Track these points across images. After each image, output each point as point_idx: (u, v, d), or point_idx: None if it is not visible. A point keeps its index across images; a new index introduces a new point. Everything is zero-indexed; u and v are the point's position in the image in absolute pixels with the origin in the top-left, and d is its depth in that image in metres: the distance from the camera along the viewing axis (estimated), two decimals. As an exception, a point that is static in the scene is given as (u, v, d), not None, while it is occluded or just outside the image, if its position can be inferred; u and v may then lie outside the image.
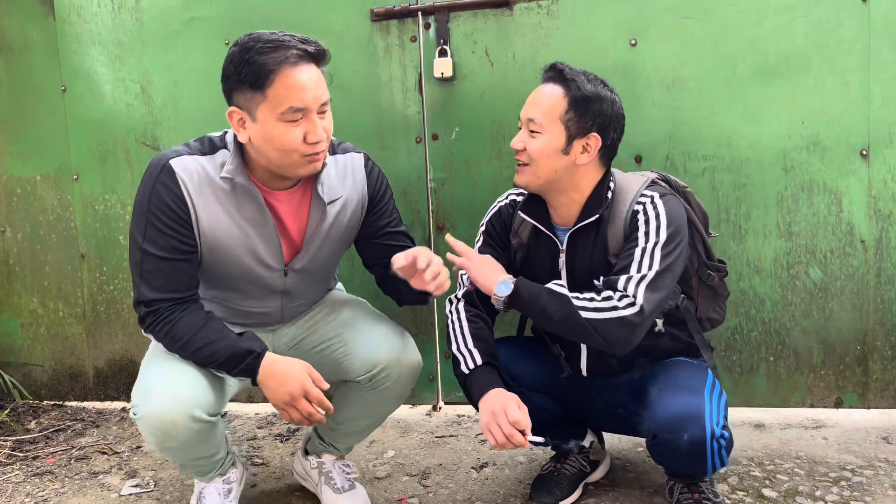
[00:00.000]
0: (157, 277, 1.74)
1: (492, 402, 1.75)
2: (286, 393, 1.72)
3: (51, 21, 2.83)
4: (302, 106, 1.65)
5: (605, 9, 2.42)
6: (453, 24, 2.53)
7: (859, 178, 2.35)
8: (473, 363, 1.84)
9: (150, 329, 1.77)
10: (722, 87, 2.38)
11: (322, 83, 1.70)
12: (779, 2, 2.32)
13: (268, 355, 1.74)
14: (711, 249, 1.96)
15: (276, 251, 1.85)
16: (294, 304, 1.98)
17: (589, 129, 1.79)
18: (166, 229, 1.73)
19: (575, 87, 1.79)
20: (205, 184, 1.75)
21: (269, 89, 1.64)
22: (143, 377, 1.80)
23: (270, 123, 1.66)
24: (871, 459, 2.19)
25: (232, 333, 1.76)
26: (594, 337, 1.73)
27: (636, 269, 1.74)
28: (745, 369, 2.49)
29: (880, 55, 2.29)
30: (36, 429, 2.79)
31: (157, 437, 1.73)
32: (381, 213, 1.96)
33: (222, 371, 1.76)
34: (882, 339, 2.40)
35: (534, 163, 1.81)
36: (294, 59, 1.64)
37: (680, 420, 1.71)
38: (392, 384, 1.91)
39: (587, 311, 1.72)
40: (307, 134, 1.68)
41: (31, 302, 3.01)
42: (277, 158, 1.70)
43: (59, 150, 2.89)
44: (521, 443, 1.70)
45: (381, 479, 2.24)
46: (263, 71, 1.63)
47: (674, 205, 1.81)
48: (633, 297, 1.71)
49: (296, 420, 1.75)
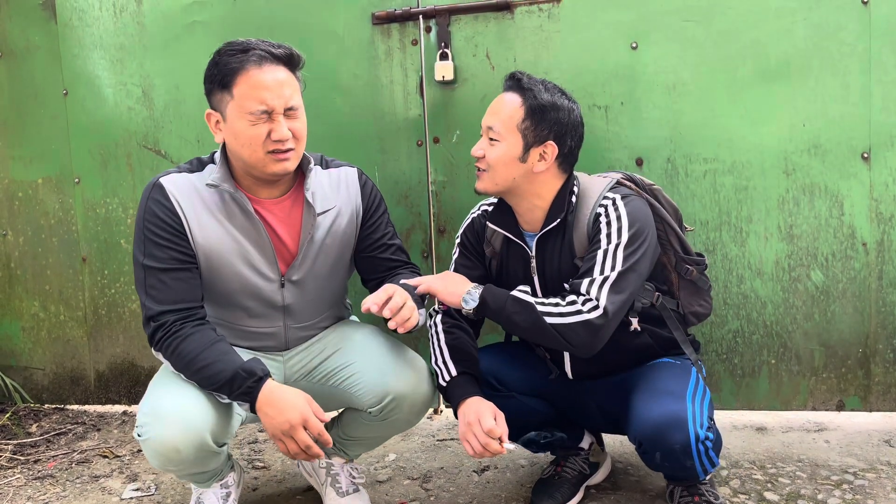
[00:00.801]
0: (160, 290, 1.76)
1: (467, 411, 1.78)
2: (285, 421, 1.67)
3: (53, 25, 2.84)
4: (265, 108, 1.72)
5: (606, 12, 2.42)
6: (454, 28, 2.53)
7: (860, 180, 2.35)
8: (449, 375, 1.87)
9: (160, 345, 1.77)
10: (723, 89, 2.38)
11: (290, 85, 1.76)
12: (779, 5, 2.33)
13: (269, 382, 1.71)
14: (688, 244, 1.96)
15: (271, 259, 1.86)
16: (298, 325, 1.97)
17: (545, 137, 1.82)
18: (163, 242, 1.78)
19: (531, 96, 1.82)
20: (195, 197, 1.81)
21: (235, 88, 1.73)
22: (151, 397, 1.77)
23: (237, 121, 1.74)
24: (874, 462, 2.19)
25: (237, 356, 1.74)
26: (559, 341, 1.74)
27: (598, 272, 1.76)
28: (746, 372, 2.49)
29: (881, 58, 2.29)
30: (37, 432, 2.79)
31: (159, 460, 1.72)
32: (376, 226, 1.98)
33: (223, 394, 1.73)
34: (884, 341, 2.40)
35: (492, 170, 1.84)
36: (256, 60, 1.72)
37: (663, 428, 1.72)
38: (403, 415, 1.89)
39: (551, 317, 1.73)
40: (271, 132, 1.73)
41: (32, 305, 3.01)
42: (245, 155, 1.76)
43: (60, 154, 2.89)
44: (498, 450, 1.72)
45: (383, 483, 2.24)
46: (229, 70, 1.73)
47: (636, 205, 1.82)
48: (595, 300, 1.72)
49: (292, 452, 1.70)
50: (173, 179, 1.82)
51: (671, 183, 2.44)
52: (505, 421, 1.76)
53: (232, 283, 1.86)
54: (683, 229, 1.99)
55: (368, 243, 1.98)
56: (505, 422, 1.76)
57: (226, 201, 1.82)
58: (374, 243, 1.98)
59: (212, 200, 1.82)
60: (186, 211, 1.80)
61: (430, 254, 2.65)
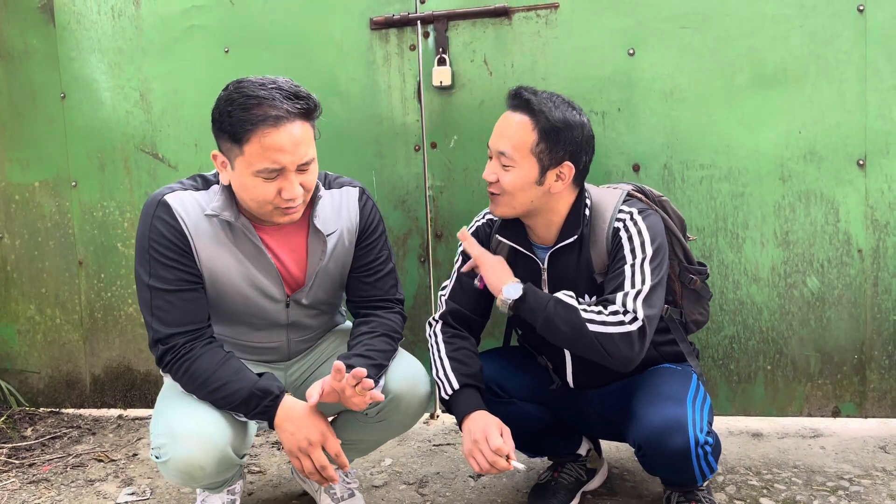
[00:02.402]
0: (168, 312, 1.73)
1: (473, 428, 1.75)
2: (304, 438, 1.65)
3: (51, 28, 2.84)
4: (277, 167, 1.64)
5: (604, 18, 2.43)
6: (452, 33, 2.54)
7: (856, 187, 2.36)
8: (451, 388, 1.84)
9: (169, 368, 1.74)
10: (719, 96, 2.39)
11: (306, 141, 1.67)
12: (776, 12, 2.34)
13: (287, 398, 1.70)
14: (691, 253, 1.96)
15: (276, 283, 1.84)
16: (300, 338, 1.97)
17: (561, 158, 1.78)
18: (170, 262, 1.73)
19: (543, 118, 1.76)
20: (201, 218, 1.76)
21: (246, 146, 1.63)
22: (163, 417, 1.74)
23: (246, 177, 1.66)
24: (869, 468, 2.19)
25: (251, 374, 1.72)
26: (597, 350, 1.72)
27: (630, 285, 1.74)
28: (742, 378, 2.49)
29: (877, 66, 2.30)
30: (32, 436, 2.78)
31: (182, 478, 1.71)
32: (370, 248, 1.92)
33: (240, 413, 1.71)
34: (879, 348, 2.40)
35: (507, 195, 1.80)
36: (273, 121, 1.61)
37: (663, 431, 1.71)
38: (399, 416, 1.88)
39: (594, 324, 1.71)
40: (282, 191, 1.67)
41: (28, 309, 3.01)
42: (252, 207, 1.72)
43: (57, 157, 2.89)
44: (505, 467, 1.70)
45: (379, 488, 2.23)
46: (242, 128, 1.61)
47: (654, 220, 1.82)
48: (634, 313, 1.71)
49: (307, 471, 1.68)
50: (179, 198, 1.75)
51: (668, 189, 2.44)
52: (511, 436, 1.73)
53: (237, 303, 1.84)
54: (687, 238, 1.99)
55: (358, 265, 1.93)
56: (511, 437, 1.73)
57: (232, 225, 1.78)
58: (363, 266, 1.93)
59: (217, 222, 1.77)
60: (193, 232, 1.74)
61: (427, 258, 2.65)
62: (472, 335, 1.98)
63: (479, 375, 1.87)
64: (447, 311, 1.98)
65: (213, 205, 1.75)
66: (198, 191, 1.79)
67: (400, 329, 1.92)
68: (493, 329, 2.46)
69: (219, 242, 1.77)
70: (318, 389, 1.67)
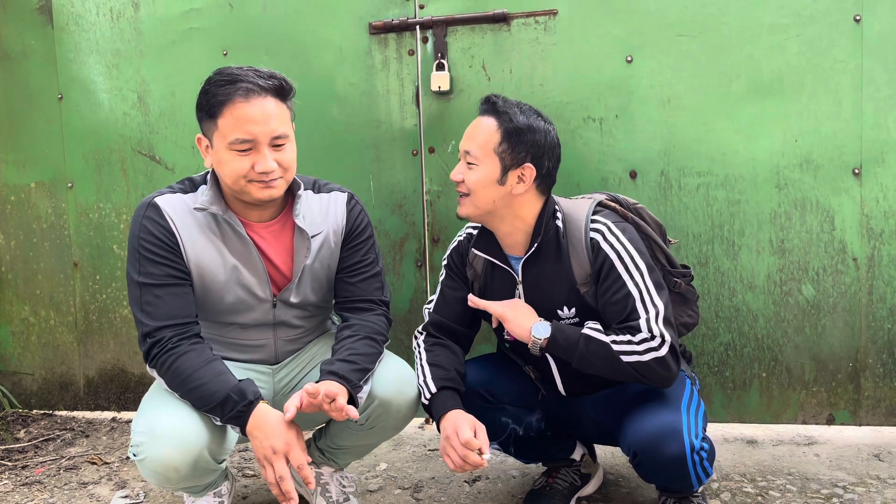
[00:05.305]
0: (156, 306, 1.77)
1: (446, 426, 1.78)
2: (269, 446, 1.65)
3: (49, 29, 2.83)
4: (248, 138, 1.71)
5: (602, 25, 2.44)
6: (451, 39, 2.55)
7: (851, 196, 2.37)
8: (429, 392, 1.87)
9: (155, 362, 1.76)
10: (716, 104, 2.40)
11: (277, 116, 1.74)
12: (773, 21, 2.35)
13: (262, 405, 1.71)
14: (673, 257, 1.98)
15: (263, 281, 1.88)
16: (287, 338, 1.98)
17: (523, 159, 1.81)
18: (159, 259, 1.78)
19: (507, 119, 1.81)
20: (189, 217, 1.82)
21: (220, 119, 1.72)
22: (146, 416, 1.75)
23: (222, 151, 1.74)
24: (863, 476, 2.20)
25: (232, 378, 1.73)
26: (636, 378, 1.76)
27: (644, 309, 1.76)
28: (737, 385, 2.50)
29: (873, 75, 2.32)
30: (25, 438, 2.77)
31: (157, 479, 1.72)
32: (355, 249, 1.95)
33: (216, 416, 1.72)
34: (874, 356, 2.41)
35: (473, 194, 1.85)
36: (244, 92, 1.70)
37: (658, 437, 1.73)
38: (389, 420, 1.89)
39: (627, 356, 1.74)
40: (255, 164, 1.73)
41: (22, 310, 2.99)
42: (230, 183, 1.77)
43: (54, 158, 2.88)
44: (477, 462, 1.71)
45: (374, 492, 2.23)
46: (215, 101, 1.72)
47: (631, 231, 1.85)
48: (661, 337, 1.74)
49: (269, 481, 1.66)
50: (168, 199, 1.83)
51: (664, 196, 2.45)
52: (486, 432, 1.75)
53: (224, 301, 1.87)
54: (668, 243, 2.01)
55: (343, 266, 1.95)
56: (485, 433, 1.75)
57: (219, 223, 1.84)
58: (348, 267, 1.95)
59: (205, 221, 1.83)
60: (181, 230, 1.81)
61: (423, 263, 2.65)
62: (458, 344, 2.00)
63: (457, 379, 1.90)
64: (430, 323, 2.02)
65: (202, 199, 1.82)
66: (186, 193, 1.86)
67: (384, 331, 1.94)
68: (490, 335, 2.46)
69: (206, 239, 1.83)
70: (297, 402, 1.68)
